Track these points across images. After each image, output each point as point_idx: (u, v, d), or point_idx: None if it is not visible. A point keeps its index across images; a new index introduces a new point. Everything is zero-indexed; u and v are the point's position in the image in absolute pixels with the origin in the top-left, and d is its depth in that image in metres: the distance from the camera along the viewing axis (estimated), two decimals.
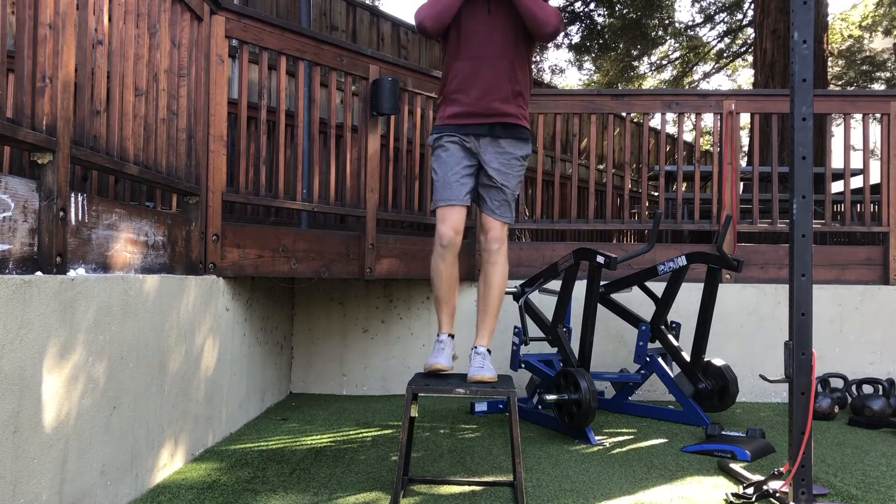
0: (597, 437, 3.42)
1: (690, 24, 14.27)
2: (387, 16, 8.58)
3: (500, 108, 2.78)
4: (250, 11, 3.48)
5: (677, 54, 14.81)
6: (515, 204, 2.95)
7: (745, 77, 18.82)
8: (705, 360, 3.89)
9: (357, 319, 4.66)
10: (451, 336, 2.86)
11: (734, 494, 2.54)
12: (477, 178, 2.87)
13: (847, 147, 4.84)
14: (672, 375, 3.84)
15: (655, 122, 12.28)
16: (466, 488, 2.64)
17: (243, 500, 2.46)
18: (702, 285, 3.89)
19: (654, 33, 13.13)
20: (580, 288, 3.86)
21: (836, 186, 6.48)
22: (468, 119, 2.79)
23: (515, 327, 3.90)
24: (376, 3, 12.68)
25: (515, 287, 3.97)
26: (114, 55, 2.43)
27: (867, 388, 4.30)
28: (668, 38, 13.91)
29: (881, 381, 4.10)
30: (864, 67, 13.83)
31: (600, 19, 12.80)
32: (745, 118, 6.26)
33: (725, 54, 14.72)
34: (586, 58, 14.13)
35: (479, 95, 2.75)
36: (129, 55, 2.52)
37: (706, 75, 15.42)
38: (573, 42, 13.08)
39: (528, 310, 3.98)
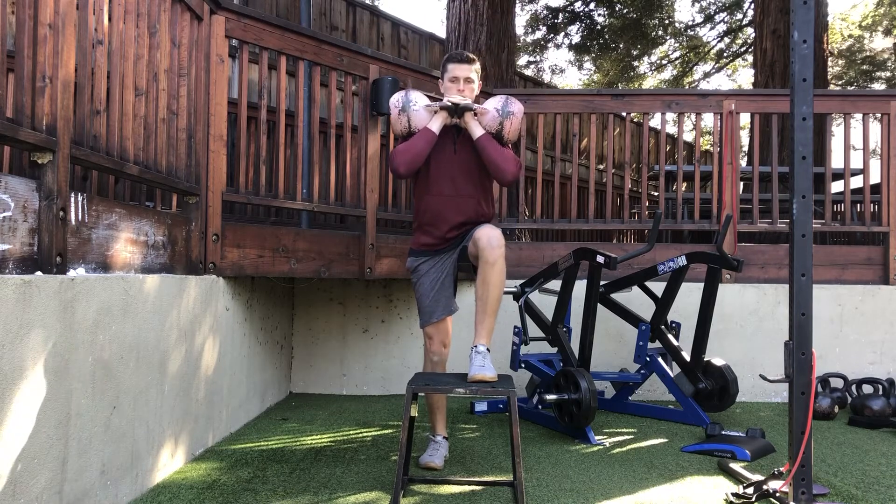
0: (597, 437, 3.42)
1: (690, 23, 14.27)
2: (387, 16, 8.58)
3: (468, 230, 3.00)
4: (250, 11, 3.48)
5: (677, 54, 14.81)
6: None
7: (745, 77, 18.82)
8: (705, 360, 3.89)
9: (357, 319, 4.66)
10: (446, 438, 3.06)
11: (734, 494, 2.54)
12: (454, 274, 3.06)
13: (847, 147, 4.84)
14: (672, 375, 3.85)
15: (655, 121, 12.27)
16: (466, 488, 2.64)
17: (243, 500, 2.46)
18: (702, 285, 3.89)
19: (654, 33, 13.13)
20: (580, 288, 3.86)
21: (836, 186, 6.49)
22: (441, 246, 3.01)
23: (515, 327, 3.90)
24: (376, 3, 12.68)
25: (515, 287, 3.97)
26: (114, 55, 2.43)
27: (867, 388, 4.30)
28: (668, 37, 13.91)
29: (881, 381, 4.10)
30: (864, 67, 13.83)
31: (600, 19, 12.80)
32: (745, 118, 6.28)
33: (725, 54, 14.72)
34: (586, 58, 14.14)
35: (449, 229, 2.98)
36: (129, 55, 2.52)
37: (706, 75, 15.42)
38: (573, 42, 13.09)
39: (528, 310, 3.98)
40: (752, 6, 9.96)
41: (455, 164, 2.98)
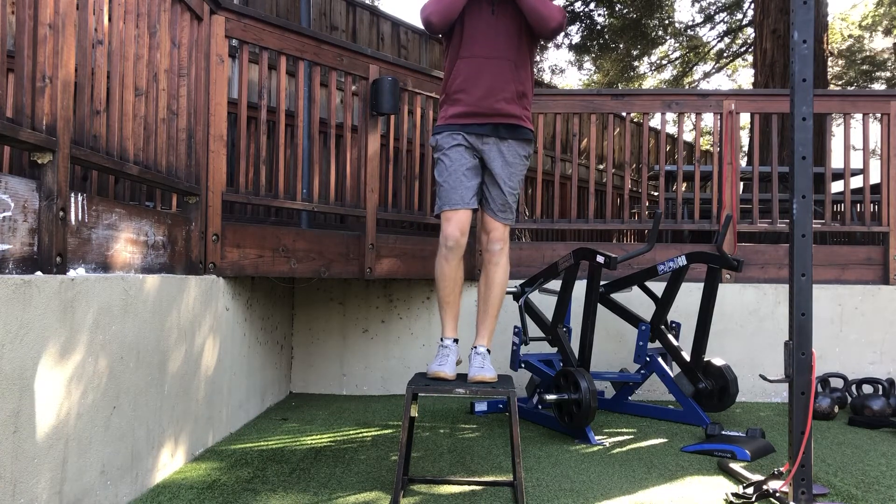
0: (597, 437, 3.42)
1: (690, 24, 14.28)
2: (387, 16, 8.58)
3: (503, 108, 2.78)
4: (250, 11, 3.48)
5: (677, 54, 14.82)
6: (516, 204, 2.95)
7: (745, 77, 18.82)
8: (705, 360, 3.89)
9: (357, 319, 4.66)
10: (456, 341, 2.83)
11: (734, 494, 2.54)
12: (481, 176, 2.86)
13: (847, 147, 4.84)
14: (672, 375, 3.84)
15: (655, 121, 12.28)
16: (466, 488, 2.64)
17: (243, 500, 2.46)
18: (702, 285, 3.89)
19: (654, 33, 13.13)
20: (580, 288, 3.86)
21: (836, 186, 6.48)
22: (471, 119, 2.78)
23: (515, 327, 3.90)
24: (376, 3, 12.68)
25: (515, 287, 3.97)
26: (114, 55, 2.43)
27: (867, 388, 4.30)
28: (668, 38, 13.91)
29: (881, 381, 4.10)
30: (864, 67, 13.84)
31: (600, 19, 12.80)
32: (745, 118, 6.27)
33: (725, 54, 14.73)
34: (586, 58, 14.14)
35: (483, 95, 2.74)
36: (129, 55, 2.52)
37: (706, 75, 15.43)
38: (573, 42, 13.09)
39: (528, 310, 3.98)
40: (752, 6, 9.96)
41: (492, 26, 2.74)
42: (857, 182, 6.32)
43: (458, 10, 2.71)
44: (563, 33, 12.83)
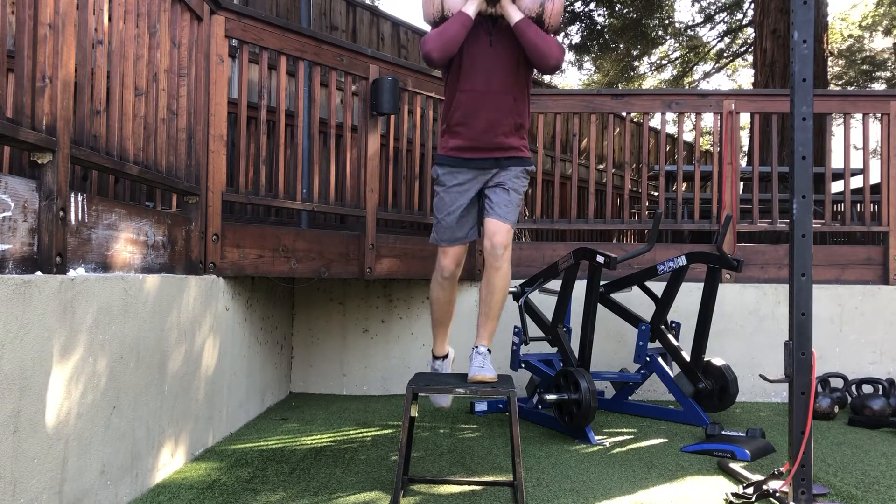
0: (597, 437, 3.42)
1: (690, 23, 14.28)
2: (387, 16, 8.58)
3: (503, 142, 2.83)
4: (250, 11, 3.48)
5: (677, 54, 14.82)
6: (518, 213, 2.97)
7: (745, 77, 18.82)
8: (705, 359, 3.89)
9: (357, 319, 4.66)
10: (447, 356, 3.01)
11: (734, 494, 2.54)
12: (480, 198, 2.90)
13: (847, 147, 4.84)
14: (672, 375, 3.84)
15: (655, 121, 12.28)
16: (466, 488, 2.64)
17: (243, 500, 2.46)
18: (702, 285, 3.89)
19: (654, 33, 13.13)
20: (580, 288, 3.86)
21: (836, 186, 6.49)
22: (473, 153, 2.82)
23: (515, 327, 3.90)
24: (376, 3, 12.68)
25: (515, 287, 3.97)
26: (114, 55, 2.43)
27: (867, 388, 4.30)
28: (668, 38, 13.91)
29: (881, 381, 4.10)
30: (864, 67, 13.84)
31: (600, 19, 12.80)
32: (745, 118, 6.27)
33: (725, 54, 14.73)
34: (586, 58, 14.13)
35: (483, 129, 2.78)
36: (129, 55, 2.52)
37: (706, 75, 15.43)
38: (573, 42, 13.08)
39: (528, 309, 3.98)
40: (752, 6, 9.96)
41: (490, 58, 2.76)
42: (857, 182, 6.32)
43: (459, 44, 2.73)
44: (563, 34, 12.84)
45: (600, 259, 3.47)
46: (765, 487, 2.50)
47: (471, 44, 2.77)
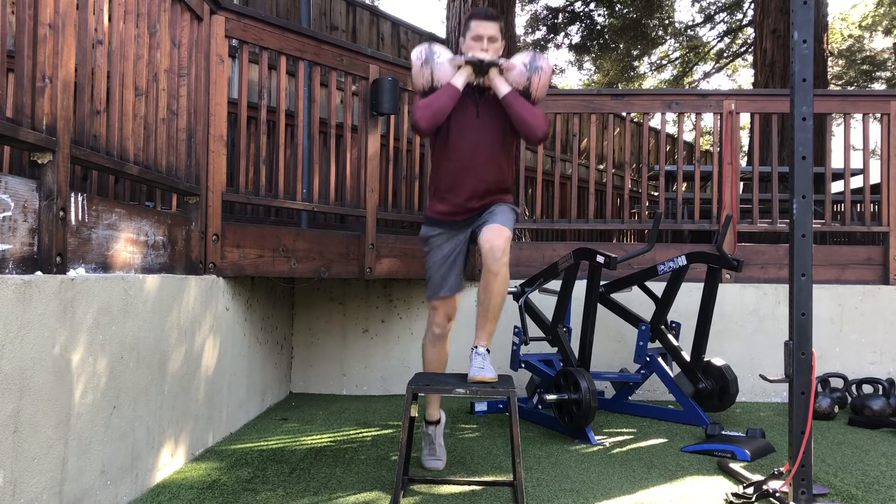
0: (597, 437, 3.42)
1: (690, 24, 14.28)
2: (387, 16, 8.58)
3: (487, 202, 2.92)
4: (250, 11, 3.48)
5: (677, 54, 14.82)
6: (514, 224, 3.00)
7: (745, 77, 18.82)
8: (705, 360, 3.89)
9: (357, 319, 4.66)
10: (439, 421, 3.02)
11: (734, 494, 2.54)
12: (466, 246, 3.00)
13: (847, 147, 4.84)
14: (672, 375, 3.84)
15: (655, 121, 12.28)
16: (466, 488, 2.64)
17: (243, 500, 2.46)
18: (702, 285, 3.89)
19: (654, 33, 13.14)
20: (580, 288, 3.86)
21: (836, 186, 6.49)
22: (458, 216, 2.92)
23: (515, 327, 3.90)
24: (376, 3, 12.69)
25: (515, 287, 3.97)
26: (114, 55, 2.43)
27: (867, 388, 4.30)
28: (668, 38, 13.92)
29: (881, 381, 4.10)
30: (864, 67, 13.84)
31: (600, 19, 12.81)
32: (745, 118, 6.27)
33: (725, 54, 14.73)
34: (586, 58, 14.14)
35: (469, 197, 2.87)
36: (129, 55, 2.52)
37: (706, 75, 15.43)
38: (573, 42, 13.09)
39: (528, 309, 3.98)
40: (752, 6, 9.96)
41: (477, 129, 2.85)
42: (857, 182, 6.32)
43: (446, 116, 2.81)
44: (563, 34, 12.84)
45: (600, 259, 3.47)
46: (765, 487, 2.50)
47: (458, 113, 2.85)
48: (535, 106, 2.84)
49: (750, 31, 12.56)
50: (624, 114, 4.96)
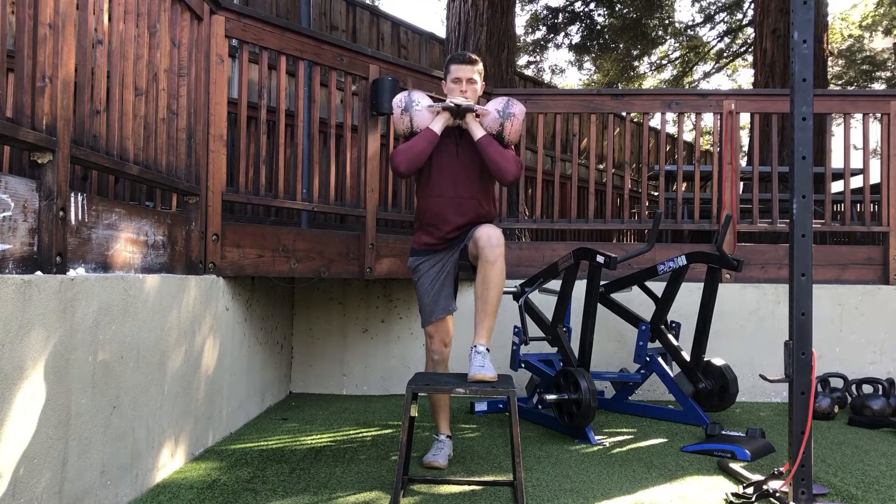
0: (597, 437, 3.42)
1: (690, 23, 14.27)
2: (387, 16, 8.58)
3: (468, 231, 3.01)
4: (250, 11, 3.48)
5: (677, 54, 14.81)
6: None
7: (745, 77, 18.83)
8: (705, 359, 3.89)
9: (357, 319, 4.66)
10: (449, 437, 3.09)
11: (734, 494, 2.54)
12: (454, 275, 3.09)
13: (847, 147, 4.84)
14: (672, 375, 3.85)
15: (655, 121, 12.26)
16: (466, 488, 2.64)
17: (243, 500, 2.46)
18: (702, 285, 3.89)
19: (654, 33, 13.13)
20: (580, 288, 3.86)
21: (836, 186, 6.49)
22: (441, 246, 3.05)
23: (515, 327, 3.90)
24: (376, 3, 12.68)
25: (515, 287, 3.97)
26: (114, 55, 2.43)
27: (867, 388, 4.30)
28: (668, 37, 13.91)
29: (881, 381, 4.10)
30: (864, 67, 13.83)
31: (600, 19, 12.80)
32: (745, 118, 6.27)
33: (725, 54, 14.72)
34: (586, 58, 14.13)
35: (451, 230, 3.01)
36: (129, 55, 2.52)
37: (706, 75, 15.42)
38: (573, 42, 13.08)
39: (528, 309, 3.98)
40: (752, 6, 9.96)
41: (457, 166, 3.00)
42: (857, 182, 6.32)
43: (425, 159, 2.95)
44: (563, 34, 12.84)
45: (600, 259, 3.47)
46: (765, 487, 2.50)
47: (440, 152, 3.00)
48: (507, 149, 2.99)
49: (750, 31, 12.55)
50: (624, 114, 4.96)
